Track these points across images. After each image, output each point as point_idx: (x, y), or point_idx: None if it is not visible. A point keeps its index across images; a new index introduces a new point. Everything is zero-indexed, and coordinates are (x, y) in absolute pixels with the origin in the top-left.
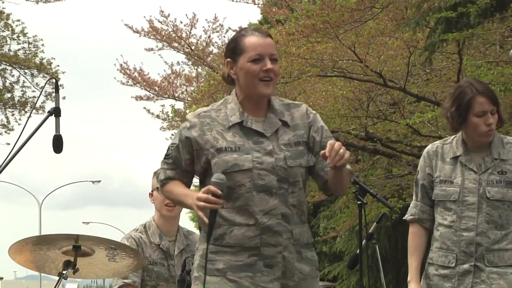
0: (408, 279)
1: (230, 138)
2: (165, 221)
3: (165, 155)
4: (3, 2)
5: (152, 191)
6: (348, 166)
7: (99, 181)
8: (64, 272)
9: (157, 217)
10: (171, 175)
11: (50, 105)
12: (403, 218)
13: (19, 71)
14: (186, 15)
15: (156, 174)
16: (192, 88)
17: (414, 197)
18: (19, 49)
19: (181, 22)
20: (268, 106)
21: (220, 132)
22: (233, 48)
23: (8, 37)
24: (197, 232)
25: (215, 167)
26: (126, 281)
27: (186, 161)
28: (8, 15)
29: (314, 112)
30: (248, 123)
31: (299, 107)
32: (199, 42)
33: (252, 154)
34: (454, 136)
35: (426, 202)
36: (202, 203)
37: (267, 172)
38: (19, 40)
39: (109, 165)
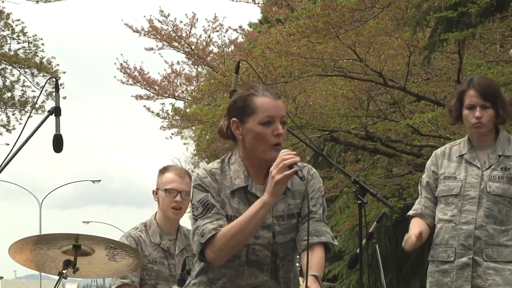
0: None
1: (235, 205)
2: (167, 221)
3: (198, 214)
4: (3, 2)
5: (157, 189)
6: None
7: (99, 181)
8: (64, 271)
9: (160, 216)
10: (219, 225)
11: (50, 104)
12: (407, 214)
13: (19, 71)
14: (186, 14)
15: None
16: (192, 87)
17: (419, 196)
18: (19, 49)
19: (181, 22)
20: (268, 169)
21: (228, 196)
22: (242, 107)
23: (8, 36)
24: None
25: None
26: (124, 281)
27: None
28: (8, 14)
29: (314, 173)
30: (253, 188)
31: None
32: (199, 41)
33: None
34: (463, 139)
35: (430, 199)
36: (285, 162)
37: (261, 248)
38: (19, 39)
39: (109, 164)
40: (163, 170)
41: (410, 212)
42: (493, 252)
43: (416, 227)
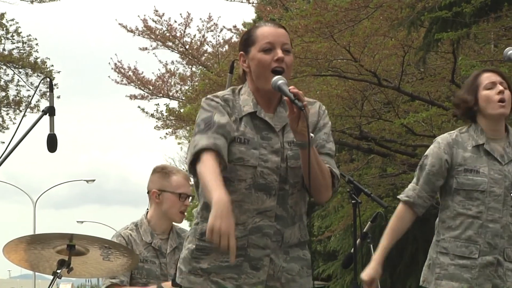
0: (373, 258)
1: (241, 128)
2: (163, 221)
3: (199, 130)
4: None
5: (161, 190)
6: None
7: (93, 180)
8: (58, 271)
9: (154, 216)
10: (213, 144)
11: (44, 104)
12: (397, 196)
13: (13, 70)
14: (181, 14)
15: (161, 171)
16: (187, 87)
17: (415, 180)
18: (13, 49)
19: (176, 22)
20: (279, 101)
21: (236, 120)
22: (246, 40)
23: (3, 36)
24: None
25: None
26: (113, 280)
27: (231, 125)
28: (3, 14)
29: (325, 111)
30: (262, 114)
31: (312, 105)
32: (193, 41)
33: (259, 150)
34: (468, 125)
35: (426, 189)
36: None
37: (270, 171)
38: (13, 39)
39: (104, 163)
40: (167, 172)
41: (402, 197)
42: None
43: (383, 247)
